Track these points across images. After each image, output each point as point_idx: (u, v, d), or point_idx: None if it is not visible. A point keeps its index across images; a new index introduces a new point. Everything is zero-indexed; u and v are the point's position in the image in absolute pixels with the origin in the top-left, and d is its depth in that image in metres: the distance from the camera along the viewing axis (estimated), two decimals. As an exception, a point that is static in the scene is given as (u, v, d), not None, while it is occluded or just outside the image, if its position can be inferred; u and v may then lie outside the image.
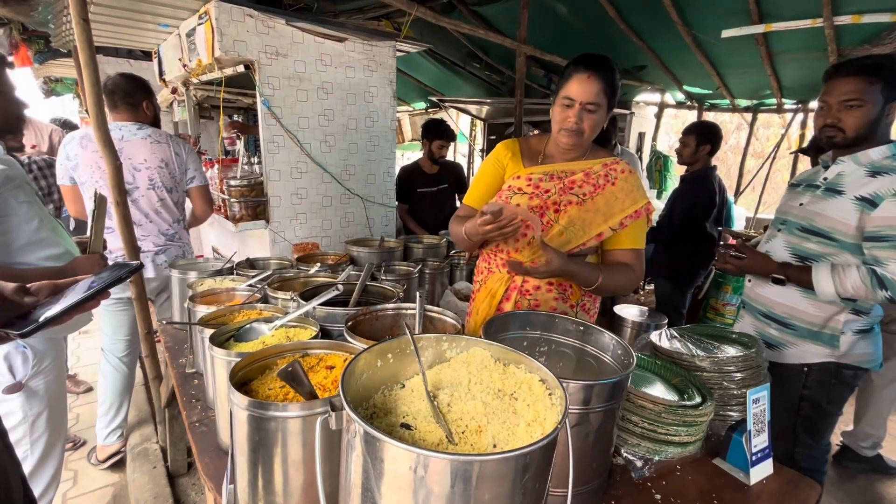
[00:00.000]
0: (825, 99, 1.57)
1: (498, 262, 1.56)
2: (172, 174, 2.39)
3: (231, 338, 1.31)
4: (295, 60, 2.49)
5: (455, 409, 0.82)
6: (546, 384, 0.87)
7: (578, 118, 1.35)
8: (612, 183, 1.43)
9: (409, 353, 0.98)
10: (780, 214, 1.78)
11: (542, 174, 1.47)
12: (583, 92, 1.32)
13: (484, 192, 1.59)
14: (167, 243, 2.43)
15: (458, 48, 5.44)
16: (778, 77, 4.23)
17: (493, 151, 1.59)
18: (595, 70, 1.31)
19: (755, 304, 1.78)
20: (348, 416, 0.70)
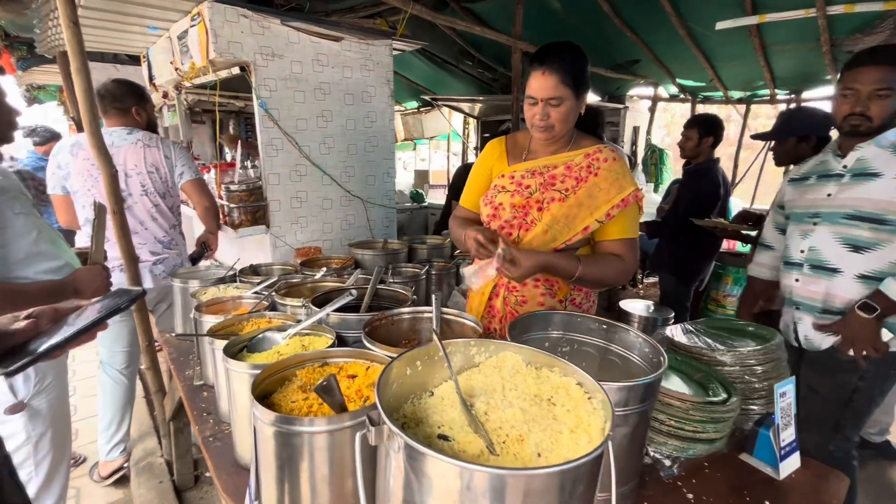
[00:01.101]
0: (853, 87, 1.52)
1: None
2: (164, 179, 2.33)
3: (243, 348, 1.27)
4: (291, 61, 2.44)
5: (493, 417, 0.79)
6: (584, 387, 0.84)
7: (544, 115, 1.34)
8: (595, 174, 1.40)
9: (438, 360, 0.95)
10: (805, 209, 1.71)
11: (525, 171, 1.47)
12: (541, 88, 1.31)
13: (476, 193, 1.61)
14: (164, 251, 2.37)
15: (451, 46, 5.40)
16: (771, 68, 4.26)
17: (482, 151, 1.62)
18: (548, 64, 1.29)
19: (812, 302, 1.69)
20: (389, 431, 0.66)
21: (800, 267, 1.71)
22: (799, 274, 1.71)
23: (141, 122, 2.32)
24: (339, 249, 2.86)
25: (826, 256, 1.62)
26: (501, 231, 1.48)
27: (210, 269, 2.20)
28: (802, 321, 1.73)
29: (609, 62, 4.80)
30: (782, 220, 1.88)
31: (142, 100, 2.32)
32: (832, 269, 1.62)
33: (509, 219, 1.46)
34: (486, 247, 1.31)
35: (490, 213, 1.51)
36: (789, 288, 1.76)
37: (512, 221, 1.46)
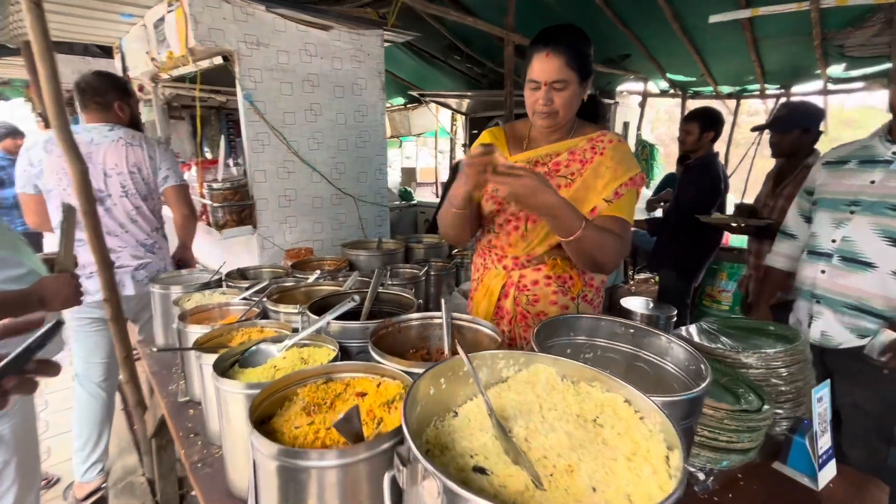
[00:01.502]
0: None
1: (493, 259, 1.50)
2: (146, 180, 2.17)
3: (235, 363, 1.14)
4: (277, 51, 2.30)
5: (535, 443, 0.69)
6: (633, 405, 0.74)
7: (547, 99, 1.27)
8: (601, 153, 1.34)
9: (462, 376, 0.84)
10: (841, 195, 1.58)
11: (526, 161, 1.39)
12: (544, 71, 1.24)
13: None
14: (147, 255, 2.21)
15: (439, 41, 5.28)
16: (762, 62, 4.25)
17: (478, 141, 1.48)
18: (553, 45, 1.22)
19: (839, 297, 1.58)
20: (424, 470, 0.55)
21: (828, 258, 1.59)
22: (826, 265, 1.60)
23: (124, 118, 2.17)
24: (330, 250, 2.73)
25: (861, 249, 1.51)
26: (508, 224, 1.43)
27: (193, 273, 2.04)
28: (822, 316, 1.62)
29: (600, 56, 4.74)
30: (808, 206, 1.76)
31: (125, 94, 2.16)
32: (866, 263, 1.51)
33: (515, 211, 1.41)
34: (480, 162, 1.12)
35: (493, 209, 1.44)
36: (811, 279, 1.64)
37: (518, 214, 1.41)
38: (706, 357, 1.41)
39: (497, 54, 5.50)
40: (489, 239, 1.51)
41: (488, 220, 1.49)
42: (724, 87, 4.95)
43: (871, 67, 3.99)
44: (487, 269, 1.53)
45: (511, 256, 1.45)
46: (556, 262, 1.42)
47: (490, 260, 1.52)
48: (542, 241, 1.39)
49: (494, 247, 1.49)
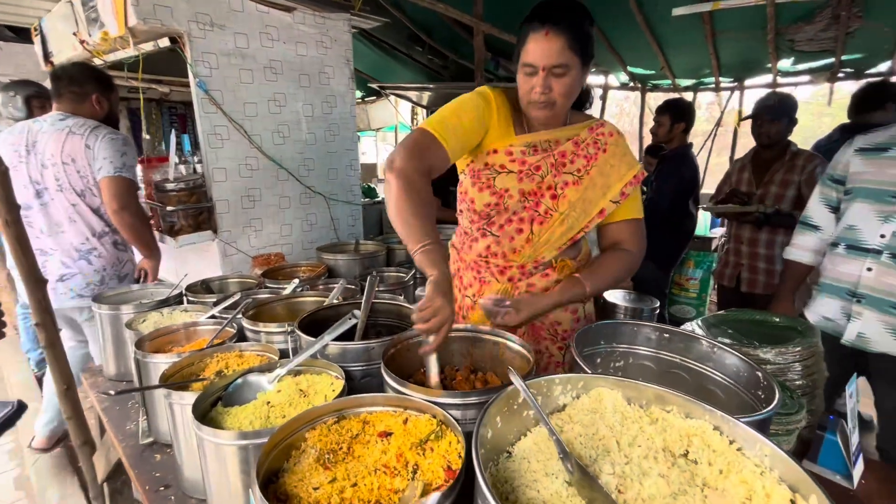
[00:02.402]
0: None
1: (493, 270, 1.29)
2: (82, 173, 1.89)
3: (218, 400, 0.94)
4: (235, 33, 2.04)
5: (630, 493, 0.57)
6: (726, 433, 0.64)
7: (545, 87, 1.10)
8: (604, 150, 1.24)
9: (516, 408, 0.71)
10: (890, 186, 1.47)
11: (525, 146, 1.22)
12: (543, 54, 1.06)
13: (462, 134, 1.16)
14: (74, 265, 1.95)
15: (399, 31, 5.07)
16: (718, 56, 4.38)
17: (483, 95, 1.21)
18: (553, 23, 1.05)
19: (887, 297, 1.48)
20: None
21: (877, 254, 1.47)
22: (874, 262, 1.48)
23: (99, 112, 1.97)
24: (301, 254, 2.50)
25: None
26: (509, 225, 1.24)
27: (146, 288, 1.77)
28: (862, 316, 1.52)
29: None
30: (835, 195, 1.64)
31: (106, 89, 1.97)
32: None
33: (517, 209, 1.23)
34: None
35: (491, 203, 1.23)
36: (853, 277, 1.53)
37: (521, 213, 1.23)
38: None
39: (461, 45, 5.38)
40: (486, 245, 1.28)
41: (481, 220, 1.26)
42: (682, 80, 5.09)
43: (816, 61, 4.22)
44: (486, 283, 1.31)
45: (517, 265, 1.26)
46: (564, 264, 1.28)
47: (488, 273, 1.30)
48: (552, 244, 1.24)
49: (494, 255, 1.28)
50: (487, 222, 1.26)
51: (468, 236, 1.33)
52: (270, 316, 1.46)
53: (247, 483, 0.81)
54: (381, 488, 0.68)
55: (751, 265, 2.51)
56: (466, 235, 1.34)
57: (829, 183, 1.68)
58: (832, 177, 1.67)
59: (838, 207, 1.65)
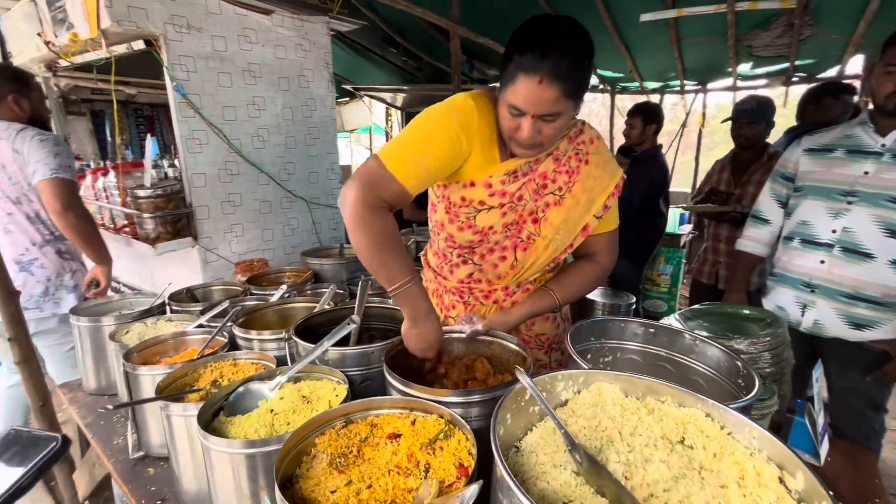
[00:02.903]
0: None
1: (478, 295, 1.25)
2: (14, 179, 1.84)
3: (219, 410, 0.94)
4: (213, 36, 2.00)
5: (635, 479, 0.61)
6: (717, 419, 0.69)
7: (533, 132, 0.98)
8: (585, 161, 1.14)
9: (523, 405, 0.74)
10: (835, 184, 1.58)
11: (505, 175, 1.10)
12: (534, 102, 0.93)
13: (431, 178, 1.06)
14: (17, 279, 1.86)
15: (373, 32, 5.05)
16: (682, 60, 4.57)
17: (462, 108, 1.04)
18: (550, 68, 0.89)
19: (837, 287, 1.59)
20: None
21: (829, 248, 1.58)
22: (826, 255, 1.59)
23: (20, 113, 1.86)
24: (283, 259, 2.48)
25: (862, 239, 1.52)
26: (492, 254, 1.19)
27: (125, 298, 1.72)
28: (816, 305, 1.63)
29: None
30: (785, 191, 1.76)
31: (24, 88, 1.86)
32: (865, 254, 1.52)
33: (500, 240, 1.17)
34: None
35: (475, 241, 1.17)
36: (806, 269, 1.65)
37: (504, 243, 1.17)
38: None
39: (435, 47, 5.41)
40: (468, 273, 1.23)
41: (463, 250, 1.20)
42: (649, 82, 5.28)
43: (772, 66, 4.46)
44: (470, 305, 1.27)
45: (501, 288, 1.23)
46: (544, 276, 1.29)
47: (472, 296, 1.26)
48: (536, 268, 1.21)
49: (478, 281, 1.24)
50: (469, 251, 1.20)
51: (447, 260, 1.26)
52: (261, 323, 1.45)
53: (255, 490, 0.81)
54: (395, 488, 0.70)
55: (729, 263, 2.60)
56: (445, 259, 1.26)
57: (780, 180, 1.79)
58: (783, 174, 1.78)
59: (787, 203, 1.77)
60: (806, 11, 3.44)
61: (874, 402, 1.64)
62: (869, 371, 1.60)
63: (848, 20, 3.45)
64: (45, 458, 0.46)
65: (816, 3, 3.35)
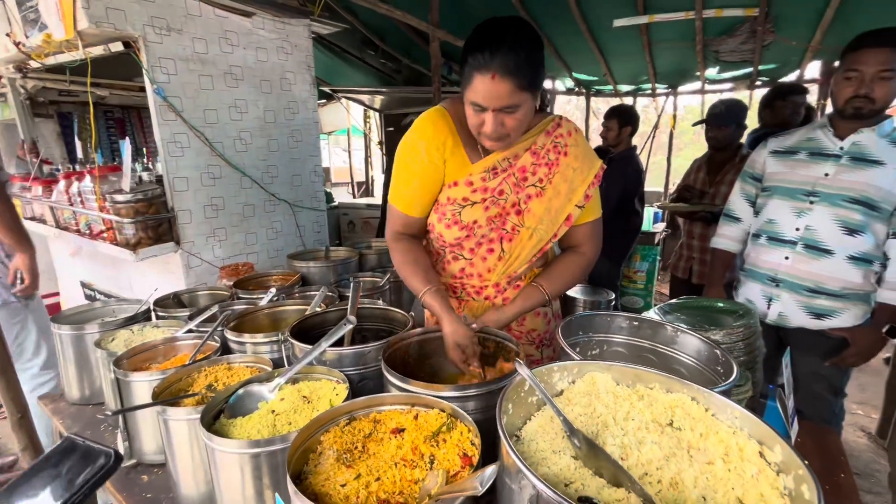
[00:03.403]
0: (857, 68, 1.49)
1: (470, 290, 1.33)
2: None
3: (219, 413, 0.94)
4: (193, 38, 1.98)
5: (631, 459, 0.66)
6: (701, 402, 0.75)
7: (497, 124, 1.05)
8: (564, 153, 1.20)
9: (522, 396, 0.78)
10: (798, 185, 1.66)
11: (484, 171, 1.19)
12: (491, 97, 1.00)
13: (425, 193, 1.23)
14: None
15: (352, 35, 5.04)
16: (654, 64, 4.74)
17: (422, 135, 1.18)
18: (499, 64, 0.96)
19: (799, 281, 1.68)
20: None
21: (792, 245, 1.68)
22: (790, 252, 1.68)
23: None
24: (266, 263, 2.46)
25: (823, 237, 1.61)
26: (481, 248, 1.26)
27: (108, 305, 1.69)
28: (780, 299, 1.73)
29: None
30: (754, 191, 1.85)
31: None
32: (826, 251, 1.61)
33: (486, 233, 1.23)
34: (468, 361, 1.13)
35: (461, 236, 1.23)
36: (772, 264, 1.74)
37: (490, 235, 1.24)
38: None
39: (413, 49, 5.43)
40: (461, 267, 1.30)
41: (451, 247, 1.27)
42: (623, 85, 5.44)
43: (737, 70, 4.67)
44: (464, 301, 1.34)
45: (492, 284, 1.30)
46: (532, 273, 1.34)
47: (465, 292, 1.33)
48: (523, 258, 1.26)
49: (470, 276, 1.30)
50: (458, 248, 1.27)
51: (440, 257, 1.33)
52: (252, 327, 1.44)
53: (260, 490, 0.82)
54: (402, 480, 0.72)
55: (701, 258, 2.73)
56: (438, 256, 1.34)
57: (748, 180, 1.88)
58: (751, 175, 1.87)
59: (755, 202, 1.86)
60: (767, 19, 3.62)
61: (834, 387, 1.76)
62: (828, 357, 1.72)
63: (806, 28, 3.65)
64: (100, 475, 0.47)
65: (777, 11, 3.54)
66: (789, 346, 1.83)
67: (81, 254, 2.67)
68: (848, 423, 3.00)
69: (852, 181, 1.58)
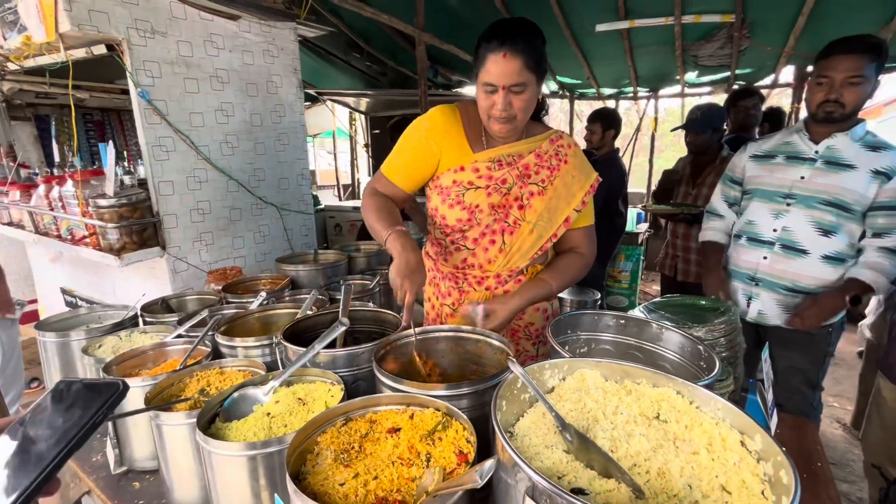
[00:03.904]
0: (828, 74, 1.55)
1: (471, 280, 1.37)
2: None
3: (214, 417, 0.95)
4: (178, 41, 1.97)
5: (620, 452, 0.68)
6: (686, 396, 0.78)
7: (506, 104, 1.17)
8: (565, 161, 1.31)
9: (515, 393, 0.80)
10: (776, 188, 1.73)
11: (489, 161, 1.29)
12: (502, 74, 1.13)
13: (414, 171, 1.33)
14: None
15: (337, 37, 5.03)
16: (635, 68, 4.84)
17: (428, 122, 1.31)
18: (511, 44, 1.10)
19: (778, 280, 1.75)
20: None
21: (770, 245, 1.74)
22: (769, 252, 1.74)
23: None
24: (254, 267, 2.44)
25: (799, 238, 1.68)
26: (484, 239, 1.32)
27: (94, 311, 1.66)
28: (760, 297, 1.79)
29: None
30: (734, 193, 1.91)
31: None
32: (802, 251, 1.68)
33: (489, 223, 1.30)
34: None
35: (463, 219, 1.30)
36: (752, 264, 1.81)
37: (493, 226, 1.30)
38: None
39: (399, 52, 5.44)
40: (463, 258, 1.35)
41: (454, 233, 1.34)
42: (605, 89, 5.54)
43: (716, 74, 4.80)
44: (464, 292, 1.38)
45: (493, 275, 1.34)
46: (535, 269, 1.38)
47: (466, 283, 1.38)
48: (524, 253, 1.32)
49: (471, 266, 1.36)
50: (462, 237, 1.33)
51: (443, 248, 1.39)
52: (243, 331, 1.44)
53: (257, 491, 0.83)
54: (399, 478, 0.74)
55: (685, 257, 2.80)
56: (441, 247, 1.40)
57: (729, 183, 1.95)
58: (731, 178, 1.94)
59: (735, 203, 1.93)
60: (744, 25, 3.74)
61: (811, 381, 1.83)
62: (804, 352, 1.79)
63: (780, 34, 3.78)
64: (114, 397, 0.48)
65: (753, 17, 3.65)
66: (768, 341, 1.91)
67: (62, 259, 2.61)
68: (824, 416, 3.11)
69: (826, 184, 1.65)
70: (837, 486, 1.19)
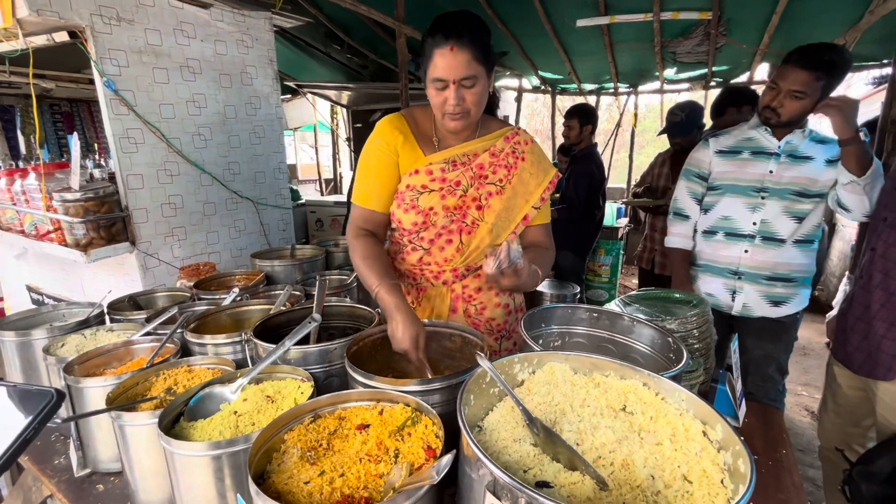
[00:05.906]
0: (777, 82, 1.64)
1: (428, 276, 1.35)
2: None
3: (178, 416, 0.92)
4: (146, 29, 1.90)
5: (585, 444, 0.69)
6: (652, 388, 0.79)
7: (458, 98, 1.14)
8: (522, 158, 1.31)
9: (484, 388, 0.80)
10: (750, 183, 1.78)
11: (443, 162, 1.27)
12: (451, 68, 1.10)
13: (384, 188, 1.30)
14: None
15: (316, 29, 4.94)
16: (616, 64, 4.88)
17: (379, 133, 1.30)
18: (457, 38, 1.08)
19: (757, 271, 1.80)
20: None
21: (751, 238, 1.79)
22: (749, 245, 1.80)
23: None
24: (229, 262, 2.40)
25: (776, 228, 1.75)
26: (439, 238, 1.29)
27: (58, 309, 1.60)
28: (744, 290, 1.84)
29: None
30: (701, 190, 1.93)
31: None
32: (780, 240, 1.76)
33: (446, 224, 1.28)
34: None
35: (418, 222, 1.28)
36: (734, 258, 1.84)
37: (450, 227, 1.28)
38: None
39: (380, 45, 5.37)
40: (419, 257, 1.33)
41: (410, 235, 1.31)
42: (587, 84, 5.57)
43: (693, 71, 4.88)
44: (423, 288, 1.38)
45: (450, 270, 1.33)
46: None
47: (424, 279, 1.37)
48: (481, 251, 1.31)
49: (427, 264, 1.34)
50: (417, 237, 1.31)
51: (400, 247, 1.37)
52: (214, 328, 1.41)
53: (222, 492, 0.81)
54: (366, 475, 0.73)
55: (662, 251, 2.85)
56: (398, 246, 1.38)
57: (696, 179, 1.96)
58: (697, 174, 1.95)
59: (700, 199, 1.96)
60: (720, 23, 3.79)
61: (781, 368, 1.90)
62: (779, 340, 1.85)
63: (755, 32, 3.85)
64: (46, 410, 0.46)
65: (729, 15, 3.71)
66: (742, 332, 1.96)
67: (27, 256, 2.52)
68: (794, 403, 3.21)
69: (793, 176, 1.73)
70: (804, 471, 1.23)
